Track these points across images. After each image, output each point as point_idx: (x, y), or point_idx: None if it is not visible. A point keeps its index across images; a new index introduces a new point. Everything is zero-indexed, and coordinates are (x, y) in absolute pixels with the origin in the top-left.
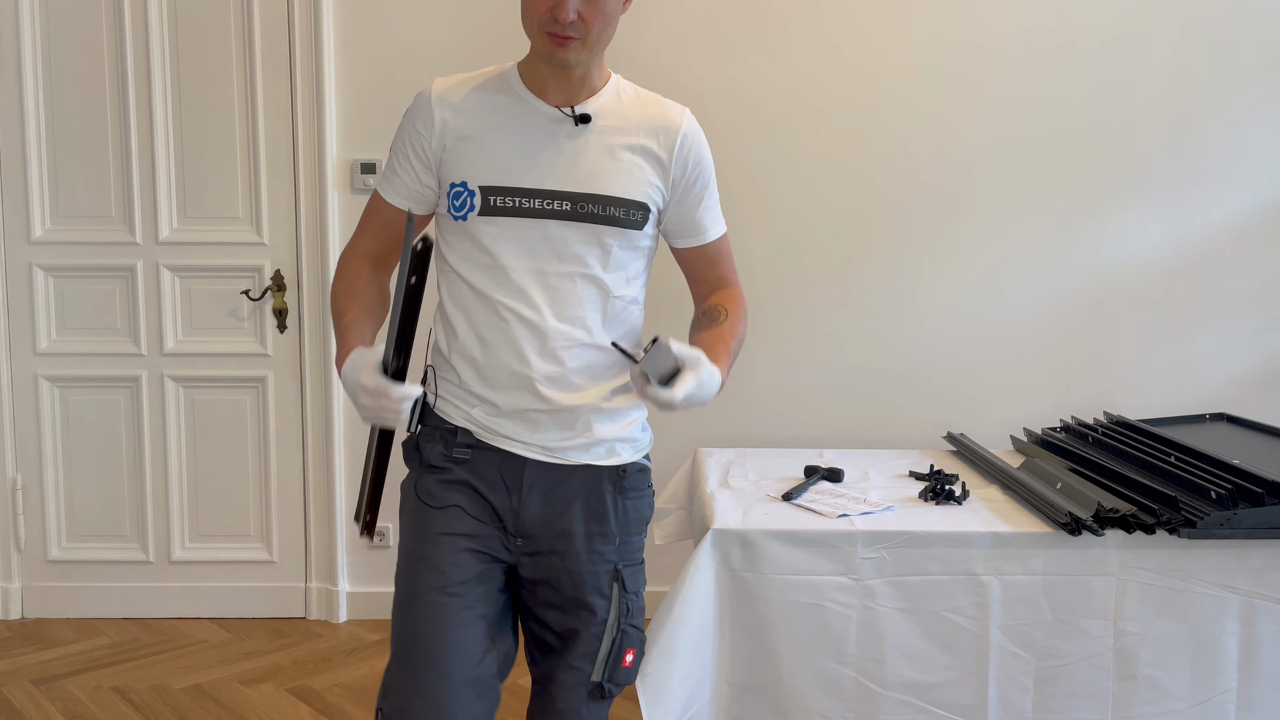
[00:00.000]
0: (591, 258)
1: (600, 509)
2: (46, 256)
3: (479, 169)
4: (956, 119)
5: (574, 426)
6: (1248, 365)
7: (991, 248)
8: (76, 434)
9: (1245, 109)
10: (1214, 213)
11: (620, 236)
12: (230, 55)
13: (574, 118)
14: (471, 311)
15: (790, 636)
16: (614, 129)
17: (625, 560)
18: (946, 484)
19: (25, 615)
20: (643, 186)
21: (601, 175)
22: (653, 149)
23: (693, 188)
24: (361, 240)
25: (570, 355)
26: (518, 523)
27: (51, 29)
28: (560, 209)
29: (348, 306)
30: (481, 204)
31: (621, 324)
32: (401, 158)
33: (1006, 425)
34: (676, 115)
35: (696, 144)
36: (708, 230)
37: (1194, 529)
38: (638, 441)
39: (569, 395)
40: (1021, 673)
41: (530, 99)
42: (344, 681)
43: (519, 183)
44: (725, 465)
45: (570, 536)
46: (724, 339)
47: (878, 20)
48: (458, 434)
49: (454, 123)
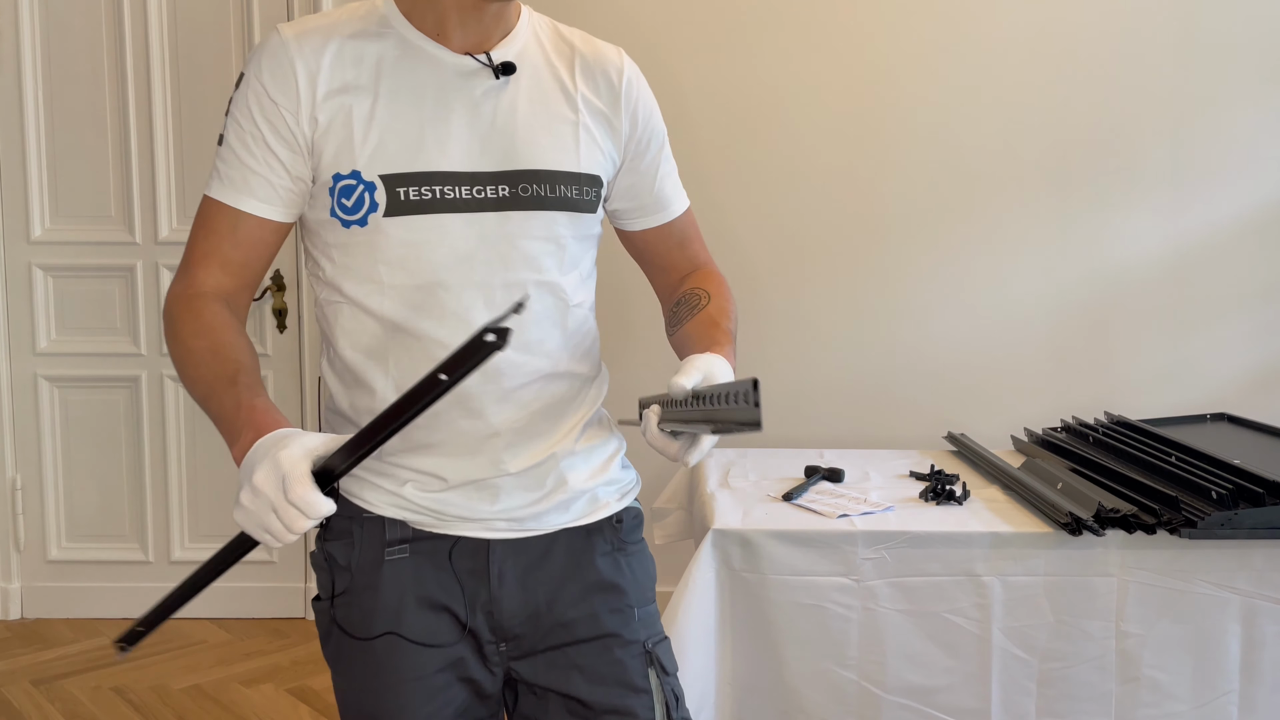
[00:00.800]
0: (546, 256)
1: (601, 578)
2: (46, 256)
3: (376, 151)
4: (957, 119)
5: (543, 483)
6: (1248, 365)
7: (992, 248)
8: (76, 434)
9: (1245, 110)
10: (1214, 213)
11: (574, 224)
12: (230, 55)
13: (493, 68)
14: (386, 354)
15: (791, 638)
16: (542, 80)
17: (653, 634)
18: (947, 484)
19: (25, 615)
20: (592, 154)
21: (542, 144)
22: (594, 102)
23: (647, 149)
24: (204, 271)
25: (532, 394)
26: (494, 625)
27: (51, 29)
28: (498, 195)
29: (226, 367)
30: (387, 200)
31: (582, 340)
32: (253, 142)
33: (1007, 425)
34: (615, 56)
35: (643, 90)
36: (671, 202)
37: (1195, 529)
38: (621, 481)
39: (535, 446)
40: (1024, 675)
41: (428, 45)
42: None
43: (436, 165)
44: (725, 465)
45: (571, 626)
46: (714, 321)
47: (878, 20)
48: (386, 527)
49: (326, 86)
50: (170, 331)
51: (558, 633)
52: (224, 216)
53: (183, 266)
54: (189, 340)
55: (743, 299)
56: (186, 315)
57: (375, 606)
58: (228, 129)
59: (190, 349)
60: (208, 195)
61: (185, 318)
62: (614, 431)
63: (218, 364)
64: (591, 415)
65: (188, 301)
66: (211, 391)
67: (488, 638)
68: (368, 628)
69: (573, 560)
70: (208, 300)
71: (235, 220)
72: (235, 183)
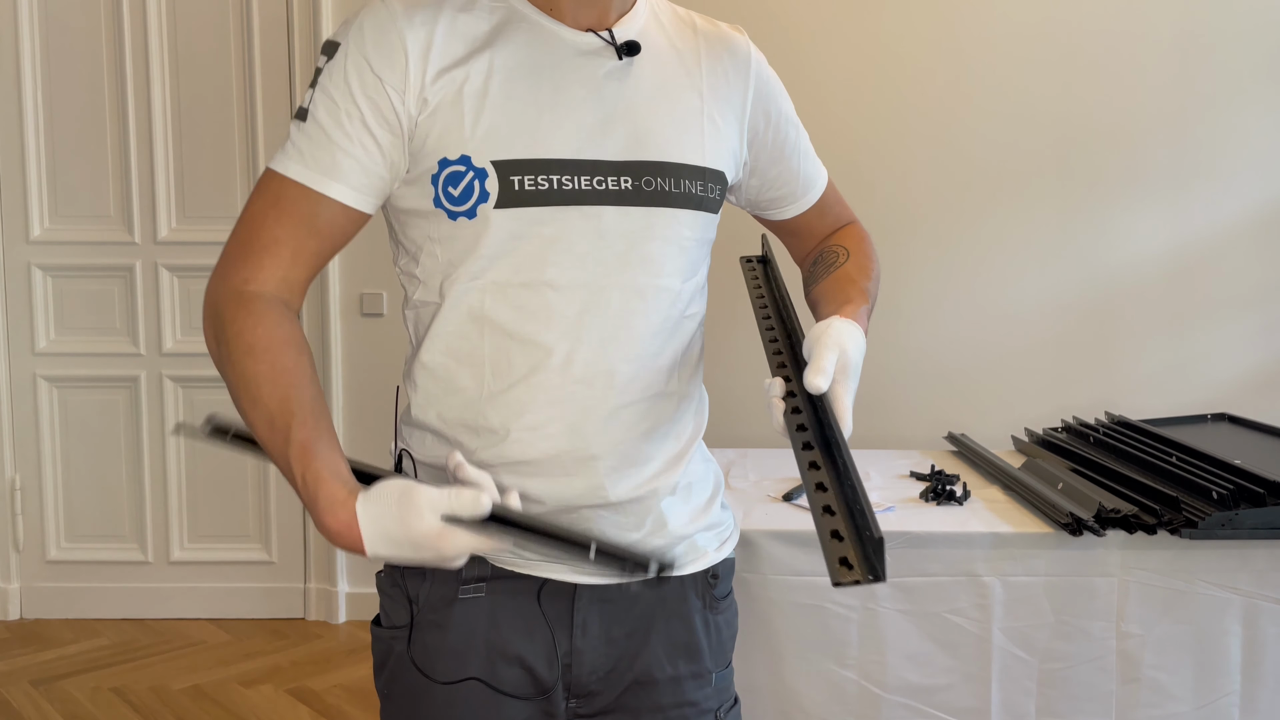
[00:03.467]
0: (667, 260)
1: (689, 639)
2: (45, 256)
3: (489, 135)
4: (957, 119)
5: (642, 523)
6: (1249, 365)
7: (992, 248)
8: (75, 434)
9: (1246, 109)
10: (1216, 213)
11: (698, 225)
12: (230, 55)
13: (616, 48)
14: (484, 359)
15: (791, 638)
16: (665, 63)
17: (725, 700)
18: (947, 484)
19: (24, 616)
20: (718, 148)
21: (667, 134)
22: (720, 91)
23: (785, 136)
24: (271, 260)
25: (639, 414)
26: (570, 680)
27: (51, 29)
28: (619, 188)
29: (287, 404)
30: (500, 190)
31: (690, 356)
32: (348, 120)
33: (1007, 425)
34: (741, 41)
35: (770, 76)
36: (815, 181)
37: (1196, 529)
38: (721, 526)
39: (638, 475)
40: (1024, 675)
41: (545, 20)
42: (343, 682)
43: (554, 151)
44: (725, 465)
45: (651, 688)
46: (850, 278)
47: (878, 20)
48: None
49: (439, 63)
50: (218, 334)
51: (635, 693)
52: (305, 200)
53: (238, 252)
54: (243, 360)
55: (742, 299)
56: (242, 322)
57: (442, 647)
58: (315, 103)
59: (245, 372)
60: (282, 175)
61: (241, 325)
62: (714, 466)
63: (277, 396)
64: (696, 444)
65: (244, 303)
66: (273, 431)
67: (560, 693)
68: (444, 670)
69: (662, 615)
70: (268, 305)
71: (316, 205)
72: (322, 163)
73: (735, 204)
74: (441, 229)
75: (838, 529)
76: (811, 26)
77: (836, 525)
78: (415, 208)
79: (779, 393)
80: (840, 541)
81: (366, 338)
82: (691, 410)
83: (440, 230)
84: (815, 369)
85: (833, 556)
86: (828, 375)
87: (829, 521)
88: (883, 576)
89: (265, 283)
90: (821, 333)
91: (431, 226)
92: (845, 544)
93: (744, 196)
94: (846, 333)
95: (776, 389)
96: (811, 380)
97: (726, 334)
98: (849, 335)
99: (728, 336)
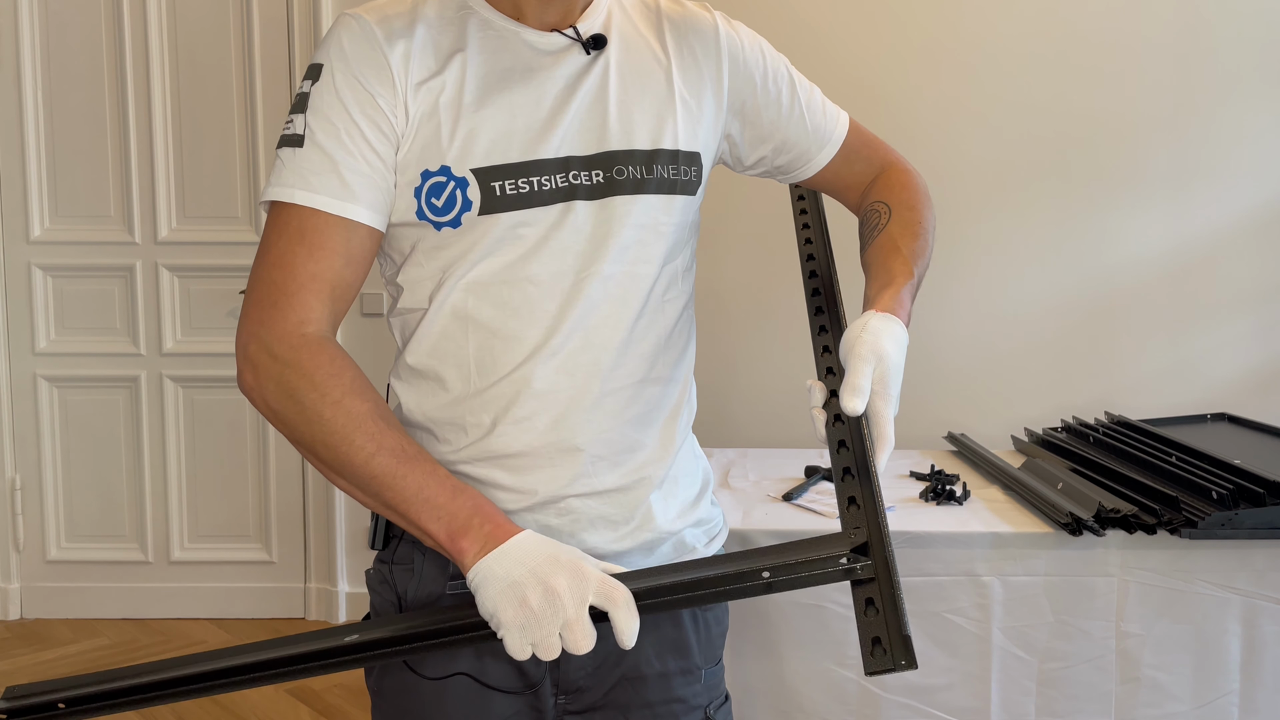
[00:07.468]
0: (644, 246)
1: (678, 635)
2: (45, 256)
3: (466, 144)
4: (957, 119)
5: (632, 515)
6: (1249, 365)
7: (992, 248)
8: (75, 434)
9: (1246, 109)
10: (1215, 213)
11: (674, 209)
12: (230, 55)
13: (582, 43)
14: (468, 358)
15: (791, 638)
16: (632, 50)
17: (715, 698)
18: (947, 484)
19: (24, 615)
20: (695, 130)
21: (640, 121)
22: (690, 70)
23: (780, 95)
24: (316, 299)
25: (625, 402)
26: (558, 676)
27: (51, 29)
28: (593, 181)
29: (408, 441)
30: (482, 197)
31: (677, 341)
32: (349, 139)
33: (1007, 425)
34: (706, 19)
35: (744, 41)
36: (831, 131)
37: (1195, 529)
38: (710, 522)
39: (626, 463)
40: (1024, 675)
41: (511, 25)
42: (343, 682)
43: (531, 154)
44: (725, 465)
45: (640, 685)
46: (893, 246)
47: (877, 19)
48: None
49: (418, 74)
50: (297, 386)
51: (623, 688)
52: (335, 230)
53: (275, 296)
54: (345, 401)
55: (742, 299)
56: (328, 366)
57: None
58: (311, 127)
59: (353, 411)
60: (301, 206)
61: (331, 367)
62: (704, 462)
63: (395, 434)
64: (686, 432)
65: (314, 348)
66: (398, 470)
67: (548, 689)
68: (432, 666)
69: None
70: (335, 345)
71: (348, 233)
72: (336, 189)
73: (760, 176)
74: (427, 239)
75: (873, 597)
76: (811, 26)
77: (872, 594)
78: (399, 220)
79: (819, 401)
80: (876, 615)
81: (366, 338)
82: (678, 395)
83: (425, 241)
84: (850, 388)
85: (866, 636)
86: (863, 395)
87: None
88: (914, 664)
89: (320, 323)
90: (855, 340)
91: (416, 237)
92: (879, 619)
93: (761, 166)
94: (884, 333)
95: (817, 396)
96: (848, 403)
97: (727, 334)
98: (886, 336)
99: (728, 337)
